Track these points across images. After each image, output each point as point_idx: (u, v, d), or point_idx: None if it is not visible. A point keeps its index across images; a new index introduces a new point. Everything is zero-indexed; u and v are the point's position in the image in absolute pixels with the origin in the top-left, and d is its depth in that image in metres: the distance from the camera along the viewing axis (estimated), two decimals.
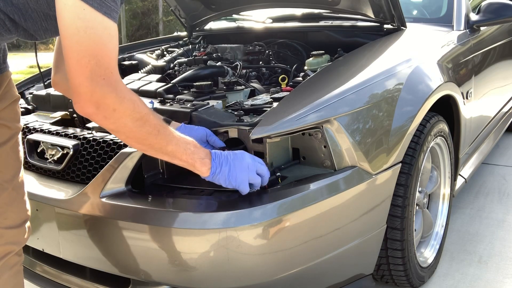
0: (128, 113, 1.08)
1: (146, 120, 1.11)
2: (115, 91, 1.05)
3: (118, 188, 1.43)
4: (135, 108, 1.09)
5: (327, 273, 1.53)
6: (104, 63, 1.03)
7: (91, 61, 1.01)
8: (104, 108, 1.05)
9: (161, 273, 1.37)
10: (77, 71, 1.01)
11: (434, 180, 2.08)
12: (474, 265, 2.11)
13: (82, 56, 1.00)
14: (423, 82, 1.81)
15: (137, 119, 1.10)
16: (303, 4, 2.52)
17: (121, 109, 1.07)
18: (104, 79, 1.03)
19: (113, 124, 1.09)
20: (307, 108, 1.45)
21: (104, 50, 1.03)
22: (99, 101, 1.03)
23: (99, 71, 1.02)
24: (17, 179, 1.26)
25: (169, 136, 1.17)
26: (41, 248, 1.58)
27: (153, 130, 1.13)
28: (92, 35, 1.01)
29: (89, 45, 1.01)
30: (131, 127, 1.10)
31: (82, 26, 1.00)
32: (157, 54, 2.65)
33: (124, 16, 12.47)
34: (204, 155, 1.25)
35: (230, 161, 1.29)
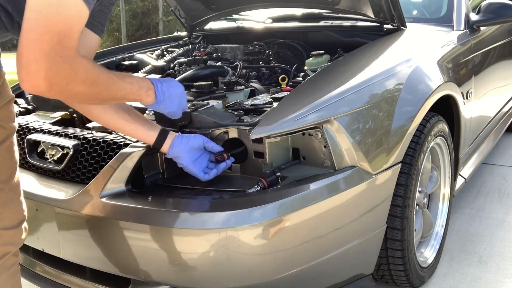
0: (81, 81, 1.08)
1: (98, 81, 1.13)
2: (70, 67, 1.04)
3: (118, 188, 1.43)
4: (87, 75, 1.10)
5: (327, 273, 1.53)
6: (65, 41, 1.01)
7: (54, 39, 0.99)
8: (57, 84, 1.04)
9: (161, 273, 1.37)
10: (35, 47, 0.98)
11: (434, 180, 2.08)
12: (474, 265, 2.11)
13: (46, 32, 0.99)
14: (423, 82, 1.81)
15: (90, 84, 1.11)
16: (303, 4, 2.52)
17: (75, 81, 1.07)
18: (61, 57, 1.01)
19: (67, 95, 1.11)
20: (307, 108, 1.45)
21: (69, 31, 1.02)
22: (52, 79, 1.02)
23: (59, 49, 1.00)
24: (13, 180, 1.26)
25: (117, 85, 1.20)
26: (41, 248, 1.58)
27: (104, 87, 1.16)
28: (63, 13, 1.00)
29: (57, 22, 0.99)
30: (84, 91, 1.11)
31: (55, 2, 0.99)
32: (157, 54, 2.65)
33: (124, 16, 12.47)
34: (147, 87, 1.30)
35: (170, 90, 1.36)
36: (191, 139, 1.43)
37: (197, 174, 1.44)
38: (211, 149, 1.46)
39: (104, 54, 2.57)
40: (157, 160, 1.52)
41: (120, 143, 1.51)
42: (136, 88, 1.26)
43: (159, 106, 1.35)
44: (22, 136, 1.76)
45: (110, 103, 1.31)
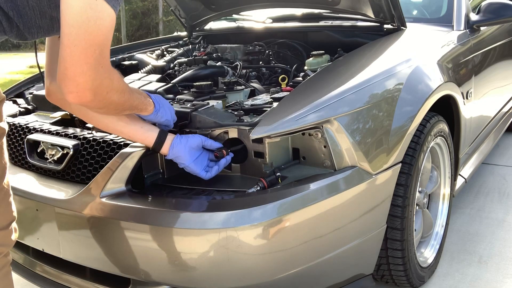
0: (116, 89, 1.15)
1: (125, 89, 1.21)
2: (109, 76, 1.11)
3: (118, 188, 1.43)
4: (120, 83, 1.17)
5: (327, 273, 1.53)
6: (105, 52, 1.07)
7: (97, 51, 1.04)
8: (100, 93, 1.10)
9: (161, 273, 1.37)
10: (81, 60, 1.03)
11: (434, 180, 2.08)
12: (474, 265, 2.11)
13: (89, 45, 1.03)
14: (423, 82, 1.81)
15: (121, 91, 1.18)
16: (303, 4, 2.52)
17: (113, 90, 1.13)
18: (102, 67, 1.07)
19: (105, 103, 1.15)
20: (307, 108, 1.45)
21: (107, 41, 1.07)
22: (97, 89, 1.08)
23: (101, 60, 1.06)
24: (3, 181, 1.25)
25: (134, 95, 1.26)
26: (41, 248, 1.59)
27: (128, 95, 1.22)
28: (101, 26, 1.04)
29: (97, 35, 1.04)
30: (116, 100, 1.18)
31: (93, 16, 1.02)
32: (157, 54, 2.65)
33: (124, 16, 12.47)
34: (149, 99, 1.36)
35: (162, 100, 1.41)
36: (189, 139, 1.43)
37: (199, 173, 1.45)
38: (210, 146, 1.46)
39: None
40: (157, 160, 1.52)
41: (120, 143, 1.51)
42: (142, 97, 1.32)
43: (156, 115, 1.39)
44: (22, 136, 1.76)
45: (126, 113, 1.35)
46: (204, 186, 1.46)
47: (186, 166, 1.44)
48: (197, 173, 1.45)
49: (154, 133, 1.41)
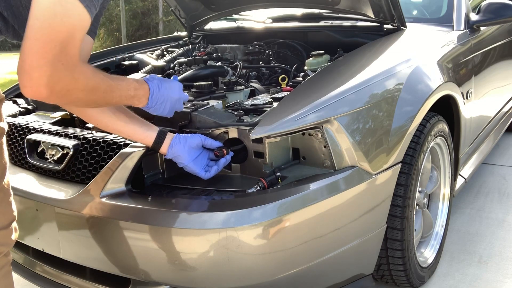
0: (82, 88, 1.12)
1: (97, 88, 1.16)
2: (71, 75, 1.07)
3: (118, 188, 1.43)
4: (88, 83, 1.13)
5: (327, 273, 1.53)
6: (68, 50, 1.04)
7: (57, 47, 1.02)
8: (58, 90, 1.06)
9: (161, 273, 1.37)
10: (38, 54, 1.01)
11: (434, 180, 2.08)
12: (474, 265, 2.11)
13: (50, 40, 1.01)
14: (423, 82, 1.81)
15: (89, 91, 1.14)
16: (303, 4, 2.52)
17: (75, 88, 1.10)
18: (63, 64, 1.04)
19: (67, 100, 1.13)
20: (307, 108, 1.45)
21: (72, 39, 1.04)
22: (54, 85, 1.05)
23: (61, 56, 1.03)
24: (3, 181, 1.25)
25: (114, 92, 1.23)
26: (41, 248, 1.58)
27: (102, 94, 1.19)
28: (67, 23, 1.02)
29: (61, 31, 1.02)
30: (82, 98, 1.15)
31: (60, 12, 1.01)
32: (157, 54, 2.65)
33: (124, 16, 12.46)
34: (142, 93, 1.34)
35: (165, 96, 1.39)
36: (189, 138, 1.43)
37: (198, 172, 1.45)
38: (210, 146, 1.46)
39: (104, 54, 2.57)
40: (157, 160, 1.52)
41: (120, 143, 1.51)
42: (130, 95, 1.30)
43: (148, 110, 1.39)
44: (22, 136, 1.76)
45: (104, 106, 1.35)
46: (204, 186, 1.46)
47: (185, 166, 1.44)
48: (196, 173, 1.45)
49: (153, 133, 1.41)
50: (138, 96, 1.32)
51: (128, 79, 1.32)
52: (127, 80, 1.31)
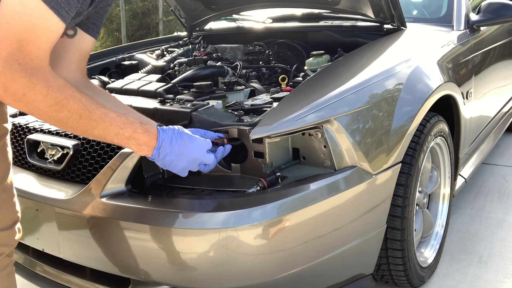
0: (40, 98, 1.06)
1: (63, 105, 1.08)
2: (28, 77, 1.03)
3: (118, 188, 1.43)
4: (48, 94, 1.06)
5: (327, 273, 1.53)
6: (27, 49, 1.02)
7: (13, 45, 1.00)
8: (12, 91, 1.03)
9: (161, 273, 1.37)
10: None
11: (434, 180, 2.08)
12: (474, 265, 2.11)
13: (6, 37, 1.00)
14: (423, 82, 1.81)
15: (51, 105, 1.07)
16: (303, 4, 2.52)
17: (32, 95, 1.05)
18: (19, 64, 1.01)
19: (25, 107, 1.07)
20: (307, 108, 1.45)
21: (33, 39, 1.02)
22: (7, 84, 1.01)
23: (18, 55, 1.01)
24: (6, 181, 1.25)
25: (95, 122, 1.14)
26: (41, 248, 1.58)
27: (72, 115, 1.10)
28: (26, 22, 1.01)
29: (18, 30, 1.00)
30: (45, 111, 1.08)
31: (20, 11, 1.00)
32: (157, 54, 2.65)
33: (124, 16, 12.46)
34: (144, 141, 1.21)
35: (177, 153, 1.26)
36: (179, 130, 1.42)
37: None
38: (211, 138, 1.42)
39: (104, 54, 2.57)
40: None
41: None
42: (124, 136, 1.18)
43: (153, 160, 1.27)
44: (22, 136, 1.76)
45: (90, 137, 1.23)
46: (204, 186, 1.46)
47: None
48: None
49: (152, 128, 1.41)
50: (137, 140, 1.20)
51: (130, 118, 1.20)
52: (127, 118, 1.19)
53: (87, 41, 1.40)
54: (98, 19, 1.40)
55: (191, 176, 1.47)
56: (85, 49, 1.42)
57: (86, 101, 1.12)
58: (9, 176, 1.27)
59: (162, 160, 1.26)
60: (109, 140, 1.19)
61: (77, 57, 1.41)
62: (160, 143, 1.23)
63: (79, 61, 1.42)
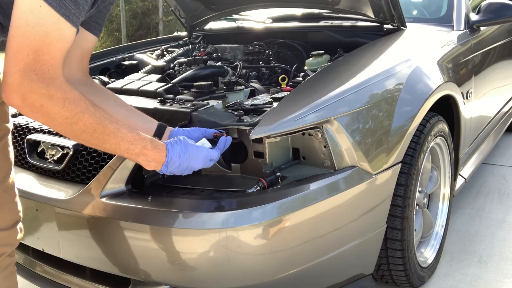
0: (57, 110, 1.06)
1: (78, 118, 1.09)
2: (46, 87, 1.04)
3: (118, 188, 1.43)
4: (65, 105, 1.07)
5: (327, 273, 1.53)
6: (42, 59, 1.03)
7: (30, 56, 1.01)
8: (31, 102, 1.04)
9: (161, 273, 1.37)
10: (12, 61, 1.01)
11: (434, 180, 2.08)
12: (474, 265, 2.11)
13: (22, 49, 1.01)
14: (423, 82, 1.81)
15: (67, 117, 1.08)
16: (303, 4, 2.52)
17: (49, 105, 1.05)
18: (37, 74, 1.02)
19: (42, 117, 1.08)
20: (307, 108, 1.45)
21: (48, 48, 1.03)
22: (25, 95, 1.03)
23: (34, 66, 1.02)
24: (8, 181, 1.25)
25: (107, 136, 1.15)
26: (41, 248, 1.58)
27: (86, 129, 1.12)
28: (40, 32, 1.01)
29: (33, 40, 1.01)
30: (61, 123, 1.09)
31: (32, 21, 1.01)
32: (157, 54, 2.65)
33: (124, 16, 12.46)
34: (153, 158, 1.23)
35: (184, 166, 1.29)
36: (187, 132, 1.43)
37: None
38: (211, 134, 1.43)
39: (104, 54, 2.57)
40: None
41: None
42: (134, 152, 1.20)
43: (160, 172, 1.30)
44: (22, 136, 1.76)
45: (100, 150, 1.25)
46: (204, 186, 1.46)
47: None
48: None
49: (153, 125, 1.42)
50: (146, 156, 1.22)
51: (141, 134, 1.22)
52: (138, 134, 1.21)
53: (89, 39, 1.40)
54: (100, 18, 1.39)
55: (191, 176, 1.47)
56: (87, 48, 1.42)
57: (100, 115, 1.14)
58: (11, 176, 1.27)
59: (170, 172, 1.29)
60: (119, 154, 1.22)
61: (79, 55, 1.41)
62: (169, 159, 1.25)
63: (80, 59, 1.42)
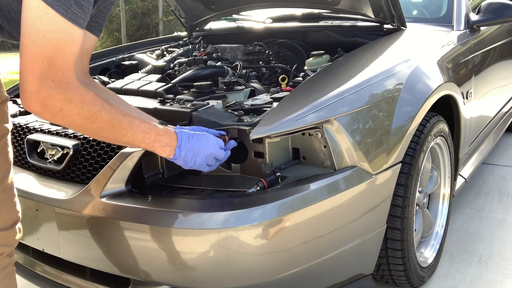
0: (76, 112, 1.10)
1: (97, 117, 1.14)
2: (64, 92, 1.07)
3: (118, 188, 1.43)
4: (83, 107, 1.11)
5: (327, 273, 1.53)
6: (57, 65, 1.05)
7: (44, 63, 1.03)
8: (50, 107, 1.07)
9: (161, 273, 1.37)
10: (28, 70, 1.03)
11: (434, 180, 2.08)
12: (474, 265, 2.11)
13: (36, 57, 1.03)
14: (423, 82, 1.81)
15: (87, 117, 1.13)
16: (303, 4, 2.52)
17: (68, 109, 1.09)
18: (53, 81, 1.05)
19: (62, 120, 1.12)
20: (307, 108, 1.45)
21: (61, 54, 1.05)
22: (45, 101, 1.06)
23: (50, 72, 1.04)
24: (7, 181, 1.25)
25: (124, 130, 1.20)
26: (41, 248, 1.59)
27: (105, 126, 1.17)
28: (51, 38, 1.03)
29: (46, 47, 1.03)
30: (80, 123, 1.13)
31: (42, 29, 1.02)
32: (157, 54, 2.65)
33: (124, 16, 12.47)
34: (166, 142, 1.28)
35: (196, 149, 1.33)
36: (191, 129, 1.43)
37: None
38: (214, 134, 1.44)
39: (104, 54, 2.58)
40: (157, 160, 1.52)
41: None
42: (150, 140, 1.26)
43: (175, 161, 1.33)
44: (22, 136, 1.76)
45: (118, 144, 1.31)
46: (204, 186, 1.46)
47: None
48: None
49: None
50: (160, 142, 1.27)
51: (151, 122, 1.28)
52: (149, 123, 1.27)
53: (90, 39, 1.41)
54: (100, 18, 1.40)
55: (191, 176, 1.47)
56: (87, 48, 1.42)
57: (115, 111, 1.18)
58: (10, 176, 1.27)
59: (184, 157, 1.32)
60: (136, 146, 1.27)
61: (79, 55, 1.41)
62: (180, 141, 1.30)
63: (80, 59, 1.42)
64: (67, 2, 1.03)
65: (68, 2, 1.03)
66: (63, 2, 1.03)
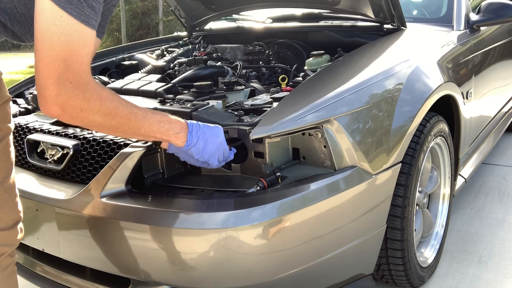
0: (96, 110, 1.12)
1: (115, 113, 1.16)
2: (82, 93, 1.08)
3: (118, 188, 1.43)
4: (102, 105, 1.13)
5: (327, 273, 1.53)
6: (73, 67, 1.05)
7: (61, 66, 1.04)
8: (70, 109, 1.08)
9: (161, 273, 1.37)
10: (45, 74, 1.04)
11: (434, 180, 2.08)
12: (474, 265, 2.11)
13: (52, 61, 1.03)
14: (423, 82, 1.81)
15: (106, 114, 1.14)
16: (303, 4, 2.52)
17: (88, 109, 1.10)
18: (71, 83, 1.06)
19: (82, 121, 1.13)
20: (307, 108, 1.45)
21: (76, 56, 1.05)
22: (65, 104, 1.07)
23: (67, 75, 1.05)
24: (9, 181, 1.25)
25: (141, 121, 1.23)
26: (41, 248, 1.59)
27: (123, 120, 1.18)
28: (66, 41, 1.03)
29: (61, 50, 1.03)
30: (100, 122, 1.15)
31: (56, 32, 1.02)
32: (157, 54, 2.65)
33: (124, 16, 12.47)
34: (179, 129, 1.31)
35: (207, 136, 1.35)
36: None
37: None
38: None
39: (104, 54, 2.58)
40: (157, 160, 1.52)
41: (120, 143, 1.51)
42: (164, 128, 1.28)
43: (190, 150, 1.35)
44: (22, 136, 1.76)
45: (135, 138, 1.33)
46: (204, 186, 1.46)
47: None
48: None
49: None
50: (174, 130, 1.30)
51: (161, 112, 1.31)
52: (159, 112, 1.30)
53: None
54: (103, 20, 1.40)
55: (191, 176, 1.47)
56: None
57: (129, 104, 1.20)
58: (12, 176, 1.27)
59: (196, 146, 1.34)
60: (153, 137, 1.28)
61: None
62: (191, 127, 1.34)
63: None
64: (80, 5, 1.04)
65: (81, 4, 1.04)
66: (75, 4, 1.03)
